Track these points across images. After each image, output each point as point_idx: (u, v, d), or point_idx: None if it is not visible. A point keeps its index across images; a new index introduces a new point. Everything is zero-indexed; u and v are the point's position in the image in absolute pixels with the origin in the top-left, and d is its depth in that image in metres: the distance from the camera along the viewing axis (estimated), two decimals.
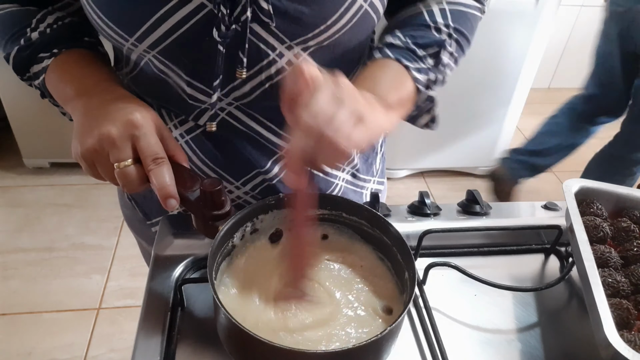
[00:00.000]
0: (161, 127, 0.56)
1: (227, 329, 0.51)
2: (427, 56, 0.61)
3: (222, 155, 0.66)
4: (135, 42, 0.56)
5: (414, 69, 0.59)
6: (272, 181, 0.69)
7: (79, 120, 0.56)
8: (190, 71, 0.59)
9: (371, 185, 0.81)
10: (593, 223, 0.64)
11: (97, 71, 0.61)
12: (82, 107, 0.57)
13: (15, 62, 0.64)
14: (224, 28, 0.53)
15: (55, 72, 0.62)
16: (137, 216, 0.80)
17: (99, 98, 0.57)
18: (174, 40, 0.55)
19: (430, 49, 0.62)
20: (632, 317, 0.54)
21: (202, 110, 0.63)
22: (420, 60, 0.60)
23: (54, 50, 0.62)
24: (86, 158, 0.54)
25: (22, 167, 2.31)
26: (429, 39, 0.62)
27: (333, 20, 0.56)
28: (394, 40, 0.61)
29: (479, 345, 0.59)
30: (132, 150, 0.52)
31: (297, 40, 0.57)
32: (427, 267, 0.64)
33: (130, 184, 0.53)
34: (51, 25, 0.63)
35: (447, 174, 2.50)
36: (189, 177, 0.55)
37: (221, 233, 0.54)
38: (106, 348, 1.65)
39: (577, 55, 3.21)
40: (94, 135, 0.52)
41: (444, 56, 0.62)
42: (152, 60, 0.59)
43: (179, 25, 0.54)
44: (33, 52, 0.62)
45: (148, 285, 0.61)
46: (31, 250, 1.96)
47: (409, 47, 0.61)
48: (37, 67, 0.63)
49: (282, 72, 0.59)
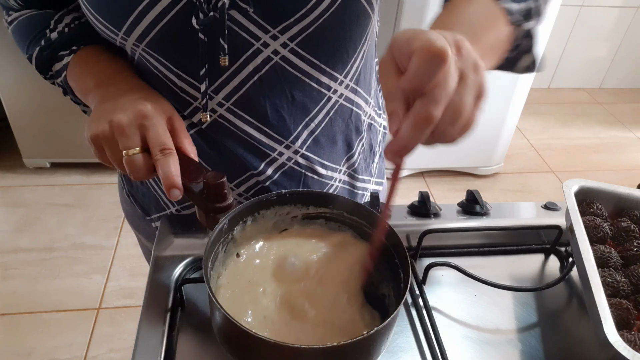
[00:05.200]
0: (173, 118, 0.57)
1: (220, 322, 0.51)
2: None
3: (216, 156, 0.67)
4: (124, 36, 0.57)
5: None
6: (265, 183, 0.69)
7: (95, 107, 0.58)
8: (178, 64, 0.60)
9: (369, 186, 0.81)
10: (593, 223, 0.64)
11: (115, 63, 0.64)
12: (100, 95, 0.60)
13: (38, 62, 0.67)
14: (202, 15, 0.54)
15: (76, 67, 0.65)
16: (137, 212, 0.80)
17: (116, 87, 0.60)
18: (158, 32, 0.56)
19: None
20: (632, 317, 0.54)
21: (196, 108, 0.63)
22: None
23: (73, 47, 0.65)
24: (96, 142, 0.55)
25: (22, 167, 2.32)
26: None
27: (313, 3, 0.55)
28: None
29: (479, 345, 0.59)
30: (140, 139, 0.54)
31: (279, 27, 0.56)
32: (427, 267, 0.64)
33: (137, 172, 0.54)
34: (69, 25, 0.66)
35: (447, 174, 2.49)
36: (195, 169, 0.56)
37: (220, 225, 0.55)
38: (106, 348, 1.65)
39: (577, 55, 3.21)
40: (106, 122, 0.54)
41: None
42: (142, 54, 0.60)
43: (161, 16, 0.55)
44: (53, 51, 0.66)
45: (148, 285, 0.61)
46: (31, 250, 1.96)
47: None
48: (58, 65, 0.66)
49: (268, 62, 0.59)
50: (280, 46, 0.58)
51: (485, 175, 2.52)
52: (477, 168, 2.50)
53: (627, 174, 2.62)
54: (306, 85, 0.63)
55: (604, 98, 3.31)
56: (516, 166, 2.62)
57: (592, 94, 3.35)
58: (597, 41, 3.17)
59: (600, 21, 3.08)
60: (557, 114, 3.08)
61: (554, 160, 2.69)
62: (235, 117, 0.64)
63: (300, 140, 0.67)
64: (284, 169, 0.69)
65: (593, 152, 2.71)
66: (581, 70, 3.31)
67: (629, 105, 3.24)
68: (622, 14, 3.10)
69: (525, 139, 2.84)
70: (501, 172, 2.56)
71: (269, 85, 0.62)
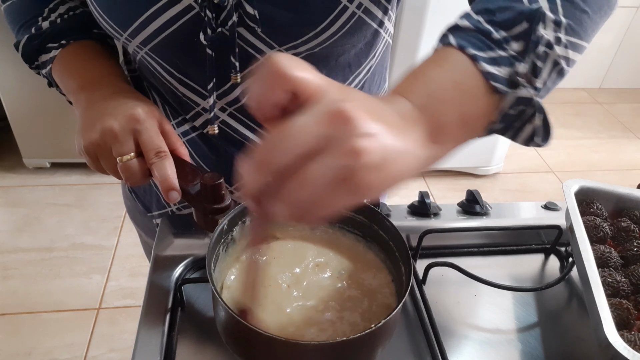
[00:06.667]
0: (163, 122, 0.56)
1: (225, 320, 0.51)
2: (509, 38, 0.39)
3: (217, 159, 0.66)
4: (128, 37, 0.57)
5: (485, 59, 0.38)
6: None
7: (82, 114, 0.57)
8: (181, 70, 0.60)
9: None
10: (593, 223, 0.64)
11: (101, 65, 0.62)
12: (85, 100, 0.58)
13: (25, 50, 0.65)
14: (210, 31, 0.53)
15: (61, 63, 0.63)
16: (138, 208, 0.80)
17: (101, 92, 0.58)
18: (163, 39, 0.56)
19: (516, 27, 0.39)
20: (632, 317, 0.54)
21: (198, 113, 0.63)
22: (497, 46, 0.39)
23: (62, 41, 0.63)
24: (89, 152, 0.55)
25: (22, 167, 2.31)
26: (514, 11, 0.40)
27: (322, 27, 0.54)
28: (461, 22, 0.41)
29: (479, 345, 0.59)
30: (134, 144, 0.53)
31: (286, 47, 0.56)
32: (427, 267, 0.64)
33: (133, 177, 0.53)
34: (62, 16, 0.64)
35: (447, 174, 2.49)
36: (190, 170, 0.56)
37: (220, 226, 0.55)
38: (106, 348, 1.65)
39: None
40: (96, 130, 0.53)
41: (542, 31, 0.39)
42: (145, 57, 0.60)
43: (168, 24, 0.54)
44: (42, 42, 0.63)
45: (148, 285, 0.61)
46: (31, 250, 1.96)
47: (481, 27, 0.40)
48: (45, 56, 0.64)
49: None
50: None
51: (485, 175, 2.52)
52: (477, 168, 2.50)
53: (627, 174, 2.62)
54: None
55: (604, 98, 3.31)
56: (516, 166, 2.62)
57: (592, 94, 3.35)
58: (597, 41, 3.17)
59: None
60: (557, 114, 3.08)
61: (554, 160, 2.69)
62: (237, 122, 0.63)
63: None
64: None
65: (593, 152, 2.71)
66: (581, 70, 3.31)
67: (629, 105, 3.24)
68: (622, 14, 3.10)
69: None
70: (501, 172, 2.56)
71: None
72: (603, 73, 3.36)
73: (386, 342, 0.52)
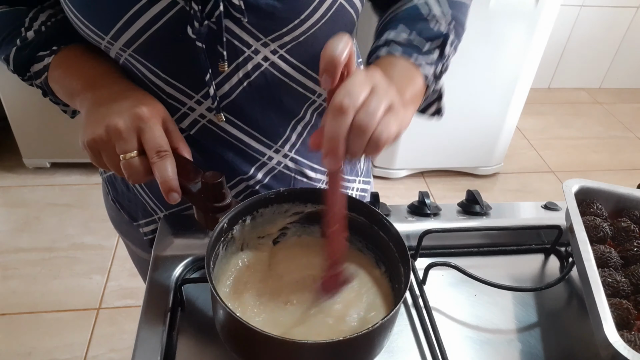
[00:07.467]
0: (167, 120, 0.57)
1: (224, 320, 0.51)
2: (432, 50, 0.61)
3: (204, 161, 0.66)
4: (110, 40, 0.56)
5: (422, 64, 0.59)
6: (254, 187, 0.69)
7: (88, 111, 0.57)
8: (167, 69, 0.60)
9: (356, 185, 0.80)
10: (593, 223, 0.64)
11: (100, 64, 0.62)
12: (91, 98, 0.58)
13: (15, 62, 0.64)
14: (197, 24, 0.54)
15: (59, 68, 0.62)
16: (123, 218, 0.80)
17: (108, 90, 0.58)
18: (147, 38, 0.55)
19: (435, 42, 0.62)
20: (632, 317, 0.54)
21: (184, 114, 0.63)
22: (426, 55, 0.61)
23: (53, 47, 0.62)
24: (92, 147, 0.55)
25: (22, 167, 2.31)
26: (432, 32, 0.62)
27: (307, 14, 0.56)
28: (397, 37, 0.61)
29: (479, 345, 0.59)
30: (137, 142, 0.53)
31: (272, 36, 0.57)
32: (427, 267, 0.64)
33: (135, 175, 0.54)
34: (45, 23, 0.63)
35: (447, 174, 2.50)
36: (192, 169, 0.56)
37: (220, 225, 0.55)
38: (106, 348, 1.65)
39: (577, 55, 3.21)
40: (101, 126, 0.53)
41: (447, 47, 0.63)
42: (129, 59, 0.59)
43: (152, 23, 0.54)
44: (32, 51, 0.63)
45: (148, 285, 0.61)
46: (31, 250, 1.96)
47: (413, 43, 0.60)
48: (37, 65, 0.63)
49: (258, 68, 0.60)
50: (270, 53, 0.58)
51: (485, 175, 2.52)
52: (477, 168, 2.50)
53: (627, 174, 2.63)
54: (293, 90, 0.63)
55: (604, 98, 3.31)
56: (516, 166, 2.62)
57: (592, 94, 3.35)
58: (597, 41, 3.17)
59: (600, 21, 3.09)
60: (557, 114, 3.08)
61: (554, 160, 2.69)
62: (225, 122, 0.64)
63: (289, 144, 0.67)
64: (274, 173, 0.69)
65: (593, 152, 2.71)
66: (581, 70, 3.31)
67: (629, 105, 3.24)
68: (622, 13, 3.10)
69: (525, 139, 2.84)
70: (501, 172, 2.56)
71: (258, 91, 0.62)
72: (603, 73, 3.36)
73: (385, 342, 0.52)
